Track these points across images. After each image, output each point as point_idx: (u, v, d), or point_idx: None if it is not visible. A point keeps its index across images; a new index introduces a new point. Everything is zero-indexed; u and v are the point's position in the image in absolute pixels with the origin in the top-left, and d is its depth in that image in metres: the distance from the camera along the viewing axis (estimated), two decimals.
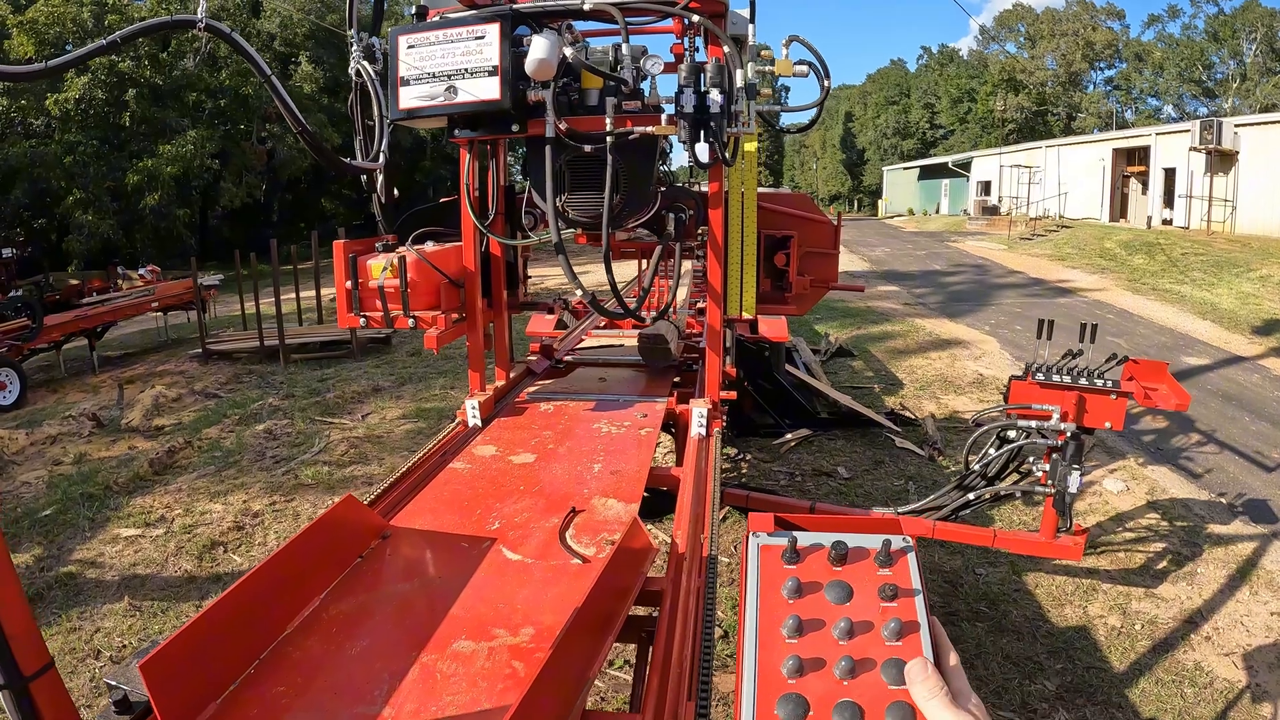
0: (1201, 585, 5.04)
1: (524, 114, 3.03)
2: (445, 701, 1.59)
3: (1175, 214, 28.29)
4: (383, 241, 3.46)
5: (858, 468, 6.97)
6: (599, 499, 2.55)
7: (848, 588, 1.04)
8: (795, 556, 1.08)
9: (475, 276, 3.60)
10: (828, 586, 1.04)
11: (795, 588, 1.04)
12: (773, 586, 1.06)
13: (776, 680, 0.96)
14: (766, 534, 1.13)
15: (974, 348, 12.00)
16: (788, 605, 1.03)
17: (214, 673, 1.63)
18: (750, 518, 1.16)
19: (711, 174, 3.37)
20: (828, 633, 1.00)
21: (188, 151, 24.74)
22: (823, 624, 1.01)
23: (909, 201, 53.04)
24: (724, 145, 2.96)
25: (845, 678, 0.95)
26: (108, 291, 14.64)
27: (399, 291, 3.25)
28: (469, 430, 3.39)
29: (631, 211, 3.37)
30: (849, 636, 0.98)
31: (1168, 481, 6.64)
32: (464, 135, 3.20)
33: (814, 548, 1.09)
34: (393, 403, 9.65)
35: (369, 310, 3.33)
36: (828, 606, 1.03)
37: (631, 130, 2.96)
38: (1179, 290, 16.70)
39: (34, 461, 8.01)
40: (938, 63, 68.79)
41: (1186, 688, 4.10)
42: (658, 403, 3.71)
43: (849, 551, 1.07)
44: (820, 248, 4.68)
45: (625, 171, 3.14)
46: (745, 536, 1.14)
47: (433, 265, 3.33)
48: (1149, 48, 51.99)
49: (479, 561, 2.16)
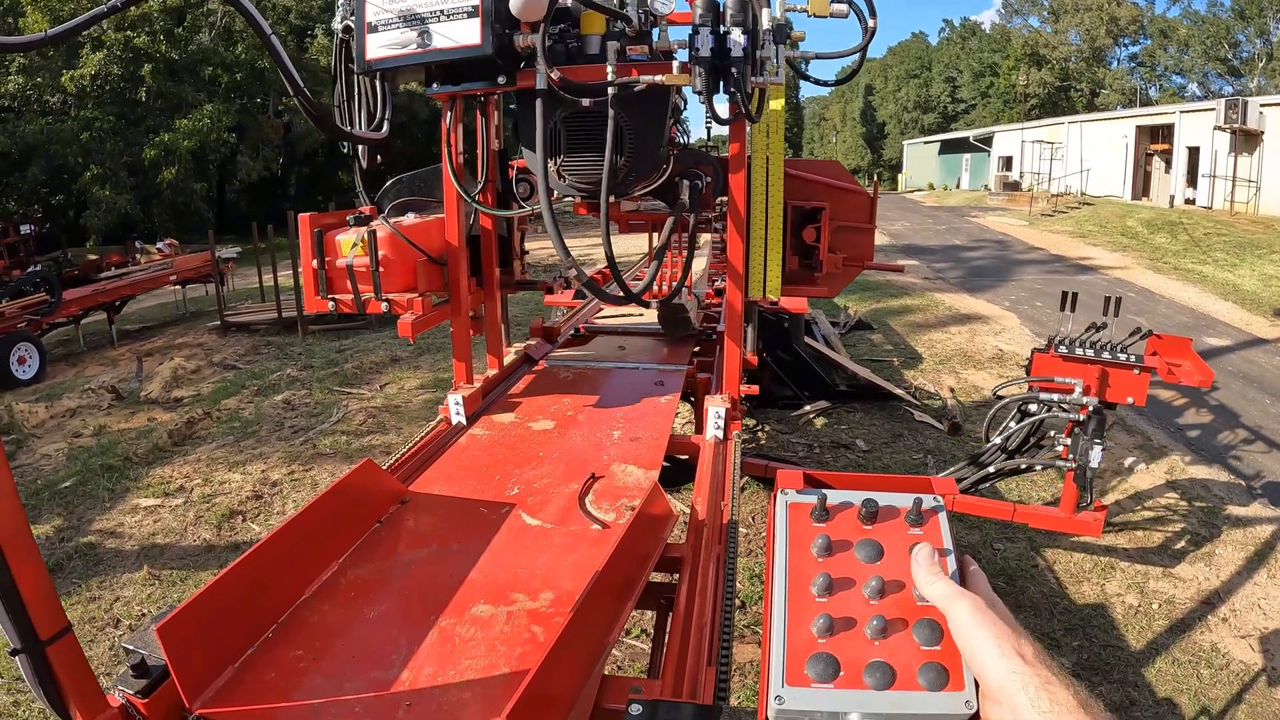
0: (1219, 566, 4.99)
1: (512, 63, 2.66)
2: (464, 665, 1.58)
3: (1198, 193, 27.80)
4: (354, 214, 3.09)
5: (876, 440, 6.93)
6: (618, 465, 2.53)
7: (878, 546, 1.01)
8: (825, 514, 1.05)
9: (460, 253, 3.15)
10: (858, 545, 1.01)
11: (825, 546, 1.01)
12: (802, 544, 1.02)
13: (807, 640, 0.93)
14: (795, 491, 1.09)
15: (994, 323, 11.89)
16: (817, 563, 1.00)
17: (231, 637, 1.63)
18: (778, 475, 1.13)
19: (733, 132, 2.91)
20: (858, 592, 0.97)
21: (204, 126, 24.73)
22: (853, 583, 0.98)
23: (929, 176, 52.48)
24: (747, 96, 2.53)
25: (877, 638, 0.92)
26: (126, 266, 14.72)
27: (372, 271, 2.87)
28: (453, 428, 3.03)
29: (638, 176, 2.92)
30: (880, 596, 0.95)
31: (1187, 462, 6.57)
32: (443, 90, 2.80)
33: (843, 506, 1.06)
34: (411, 373, 9.67)
35: (338, 292, 2.95)
36: (858, 565, 1.00)
37: (637, 80, 2.53)
38: (1201, 270, 16.47)
39: (54, 434, 8.08)
40: (960, 36, 67.72)
41: (1203, 668, 4.08)
42: (677, 371, 3.68)
43: (879, 510, 1.04)
44: (854, 222, 4.14)
45: (631, 130, 2.75)
46: (773, 495, 1.11)
47: (408, 240, 2.94)
48: (1174, 24, 50.93)
49: (498, 527, 2.14)
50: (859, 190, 4.17)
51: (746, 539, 5.14)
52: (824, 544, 1.01)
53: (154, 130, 24.57)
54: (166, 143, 24.15)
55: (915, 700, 0.88)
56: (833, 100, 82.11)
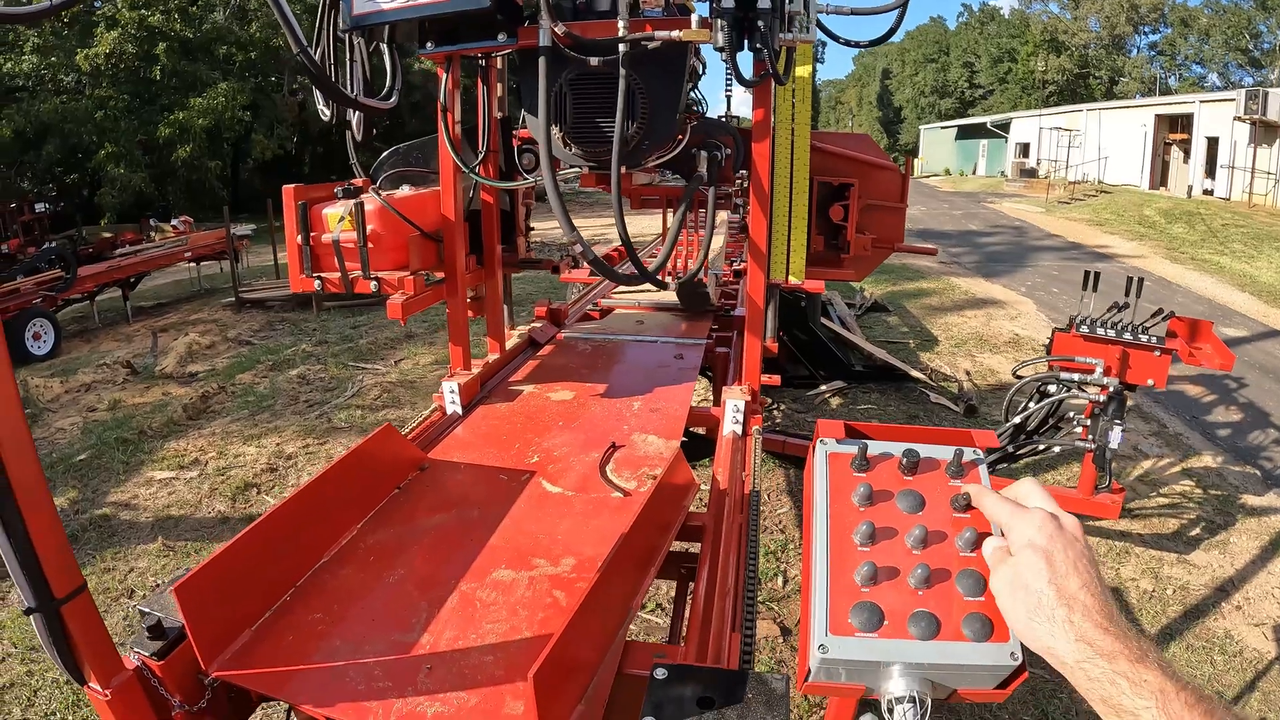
0: (1234, 554, 4.96)
1: (513, 19, 2.43)
2: (485, 629, 1.57)
3: (1216, 184, 27.48)
4: (343, 186, 2.84)
5: (892, 421, 6.87)
6: (639, 435, 2.51)
7: (920, 497, 0.99)
8: (865, 464, 1.03)
9: (457, 228, 2.92)
10: (900, 495, 1.00)
11: (867, 494, 1.00)
12: (843, 494, 1.01)
13: (850, 588, 0.92)
14: (836, 441, 1.08)
15: (1010, 308, 11.80)
16: (859, 513, 0.99)
17: (249, 599, 1.62)
18: (819, 425, 1.12)
19: (757, 96, 2.60)
20: (901, 541, 0.95)
21: (219, 104, 24.67)
22: (895, 533, 0.96)
23: (945, 161, 52.15)
24: (775, 55, 2.27)
25: (921, 587, 0.91)
26: (141, 244, 14.76)
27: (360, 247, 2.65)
28: (448, 418, 2.81)
29: (651, 145, 2.57)
30: (923, 545, 0.94)
31: (1203, 449, 6.51)
32: (438, 51, 2.56)
33: (884, 456, 1.04)
34: (426, 349, 9.67)
35: (325, 270, 2.72)
36: (900, 515, 0.98)
37: (651, 36, 2.25)
38: (1218, 261, 16.29)
39: (69, 409, 8.11)
40: (978, 21, 66.96)
41: (1216, 655, 4.05)
42: (696, 345, 3.65)
43: (920, 461, 1.03)
44: (885, 200, 3.88)
45: (643, 93, 2.45)
46: (812, 445, 1.09)
47: (399, 214, 2.71)
48: (1195, 13, 50.17)
49: (518, 494, 2.13)
50: (891, 166, 3.93)
51: (762, 516, 5.12)
52: (866, 493, 1.00)
53: (168, 109, 24.52)
54: (181, 121, 24.11)
55: (961, 650, 0.87)
56: (849, 84, 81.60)
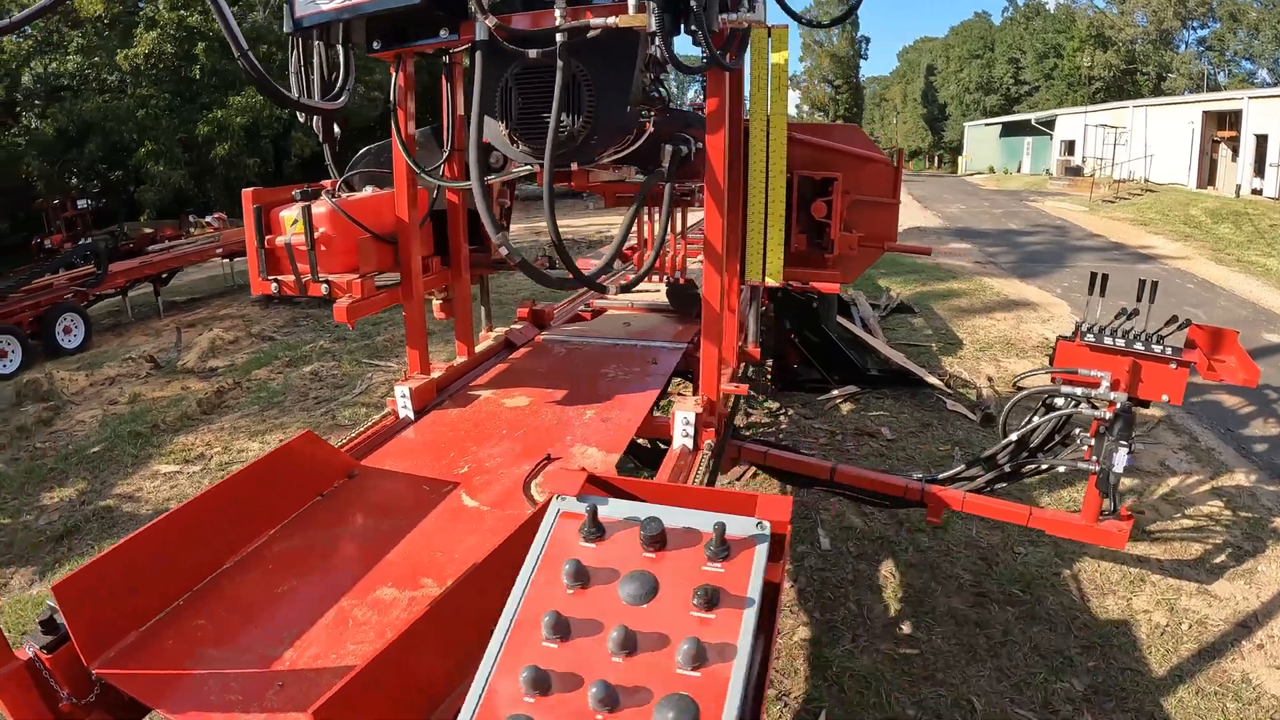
0: (1260, 586, 4.57)
1: (455, 14, 2.40)
2: (347, 650, 1.51)
3: (1266, 183, 26.58)
4: (301, 189, 2.87)
5: (903, 429, 6.70)
6: (579, 447, 2.42)
7: (652, 583, 0.78)
8: (598, 531, 0.84)
9: (411, 229, 2.90)
10: (626, 579, 0.79)
11: (576, 573, 0.80)
12: (554, 567, 0.82)
13: (510, 692, 0.71)
14: (573, 498, 0.89)
15: (1043, 310, 11.47)
16: (564, 595, 0.79)
17: (140, 601, 1.61)
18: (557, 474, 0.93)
19: (709, 85, 2.52)
20: (600, 643, 0.75)
21: (257, 102, 25.06)
22: (600, 628, 0.76)
23: (990, 159, 51.39)
24: (710, 35, 2.17)
25: (600, 710, 0.68)
26: (179, 239, 15.06)
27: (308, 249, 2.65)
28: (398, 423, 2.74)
29: (603, 139, 2.48)
30: (626, 652, 0.74)
31: (1236, 466, 6.12)
32: (386, 50, 2.57)
33: (628, 523, 0.84)
34: (441, 346, 9.64)
35: (282, 273, 2.73)
36: (615, 605, 0.78)
37: (588, 24, 2.17)
38: (1265, 263, 15.71)
39: (91, 401, 8.28)
40: (1024, 16, 65.66)
41: (1230, 701, 3.69)
42: (675, 349, 3.54)
43: (667, 533, 0.82)
44: (874, 195, 3.70)
45: (589, 84, 2.37)
46: (546, 500, 0.92)
47: (348, 216, 2.70)
48: (1244, 8, 48.70)
49: (434, 507, 2.06)
50: (880, 159, 3.72)
51: None
52: (574, 571, 0.80)
53: (207, 107, 24.97)
54: (219, 119, 24.53)
55: None
56: (894, 80, 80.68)
